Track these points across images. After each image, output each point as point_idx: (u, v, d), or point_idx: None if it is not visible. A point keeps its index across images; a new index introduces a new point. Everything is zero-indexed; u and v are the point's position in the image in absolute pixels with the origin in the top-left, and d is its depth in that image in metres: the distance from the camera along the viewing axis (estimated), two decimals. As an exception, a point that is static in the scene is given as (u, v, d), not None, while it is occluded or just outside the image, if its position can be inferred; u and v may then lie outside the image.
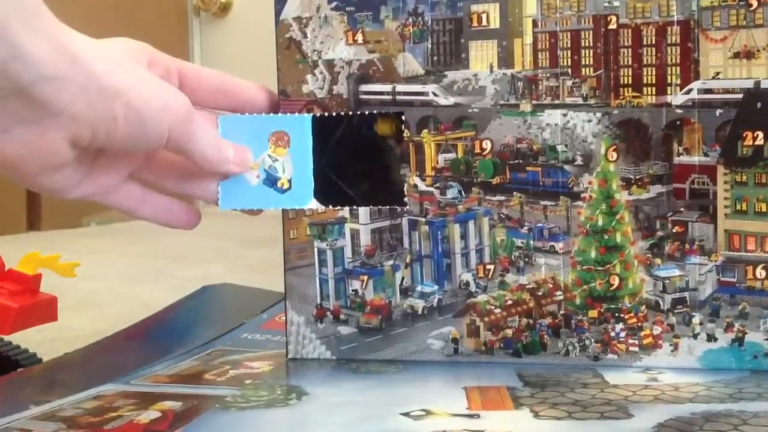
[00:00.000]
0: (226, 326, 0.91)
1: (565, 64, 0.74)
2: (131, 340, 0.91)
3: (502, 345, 0.76)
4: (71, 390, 0.70)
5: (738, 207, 0.72)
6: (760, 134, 0.70)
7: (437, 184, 0.77)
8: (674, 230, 0.73)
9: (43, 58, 0.48)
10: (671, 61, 0.72)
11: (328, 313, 0.79)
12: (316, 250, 0.79)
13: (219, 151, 0.61)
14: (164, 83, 0.57)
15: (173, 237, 2.28)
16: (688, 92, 0.72)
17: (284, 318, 0.79)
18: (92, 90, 0.51)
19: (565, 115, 0.74)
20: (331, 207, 0.77)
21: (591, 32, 0.74)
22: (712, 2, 0.71)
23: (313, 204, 0.69)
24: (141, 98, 0.54)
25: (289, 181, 0.67)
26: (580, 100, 0.74)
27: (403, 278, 0.78)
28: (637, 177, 0.73)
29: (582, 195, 0.74)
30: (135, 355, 0.84)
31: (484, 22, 0.75)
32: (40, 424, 0.62)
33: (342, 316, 0.79)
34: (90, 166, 0.58)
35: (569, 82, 0.74)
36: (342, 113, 0.68)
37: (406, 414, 0.64)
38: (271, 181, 0.66)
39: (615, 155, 0.73)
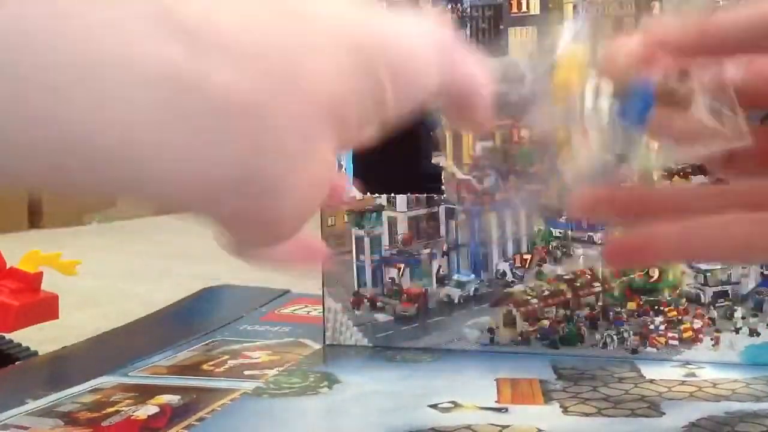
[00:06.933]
0: (225, 320, 0.91)
1: (607, 50, 0.72)
2: (129, 333, 0.92)
3: (538, 336, 0.75)
4: (69, 383, 0.70)
5: (783, 199, 0.70)
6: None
7: (474, 173, 0.76)
8: (717, 222, 0.71)
9: None
10: (717, 47, 0.70)
11: (365, 301, 0.79)
12: (353, 237, 0.78)
13: None
14: None
15: (174, 236, 2.31)
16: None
17: (286, 311, 0.79)
18: None
19: (604, 103, 0.72)
20: (368, 194, 0.77)
21: (634, 19, 0.72)
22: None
23: (352, 192, 0.68)
24: None
25: None
26: (620, 88, 0.72)
27: (439, 267, 0.77)
28: (679, 167, 0.71)
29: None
30: (133, 346, 0.85)
31: (524, 8, 0.73)
32: (38, 420, 0.62)
33: (379, 304, 0.79)
34: None
35: (610, 70, 0.72)
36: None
37: (434, 406, 0.63)
38: None
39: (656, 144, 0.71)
